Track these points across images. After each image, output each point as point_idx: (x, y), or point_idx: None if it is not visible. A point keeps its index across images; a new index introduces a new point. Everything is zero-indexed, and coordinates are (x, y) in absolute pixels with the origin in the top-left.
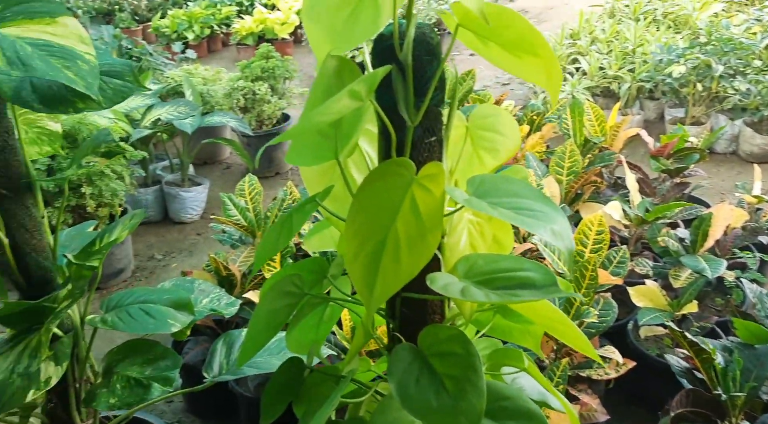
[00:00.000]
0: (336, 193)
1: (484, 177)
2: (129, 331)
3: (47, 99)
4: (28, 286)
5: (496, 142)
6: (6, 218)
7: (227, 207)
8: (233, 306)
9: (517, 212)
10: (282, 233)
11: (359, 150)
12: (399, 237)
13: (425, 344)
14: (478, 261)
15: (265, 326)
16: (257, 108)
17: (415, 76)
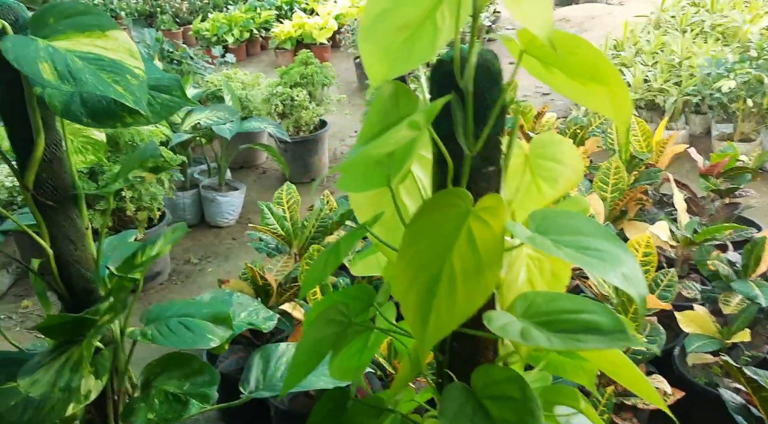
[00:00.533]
0: (386, 219)
1: (546, 212)
2: (168, 345)
3: (96, 113)
4: (70, 296)
5: (556, 172)
6: (51, 228)
7: (265, 215)
8: (271, 320)
9: (583, 253)
10: (329, 261)
11: (411, 175)
12: (455, 272)
13: (479, 385)
14: (537, 299)
15: (309, 354)
16: (295, 114)
17: (475, 104)
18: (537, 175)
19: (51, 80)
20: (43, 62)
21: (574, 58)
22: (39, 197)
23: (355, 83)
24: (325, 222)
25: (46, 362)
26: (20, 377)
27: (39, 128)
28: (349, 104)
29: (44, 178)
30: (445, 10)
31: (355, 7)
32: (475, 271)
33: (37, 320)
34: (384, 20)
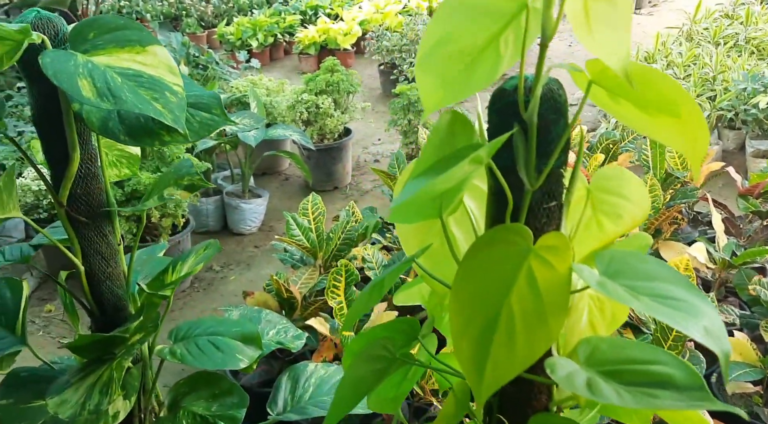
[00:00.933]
0: (433, 250)
1: (614, 254)
2: (198, 366)
3: (134, 131)
4: (100, 312)
5: (620, 207)
6: (83, 244)
7: (290, 226)
8: (299, 340)
9: (661, 303)
10: (372, 295)
11: (461, 205)
12: (514, 316)
13: None
14: (602, 346)
15: (352, 392)
16: (320, 121)
17: (538, 136)
18: (599, 211)
19: (90, 98)
20: (83, 78)
21: (650, 91)
22: (72, 213)
23: (378, 90)
24: (350, 234)
25: (75, 381)
26: (49, 396)
27: (75, 144)
28: (372, 112)
29: (78, 194)
30: (509, 37)
31: (380, 13)
32: (536, 316)
33: (59, 325)
34: (443, 47)
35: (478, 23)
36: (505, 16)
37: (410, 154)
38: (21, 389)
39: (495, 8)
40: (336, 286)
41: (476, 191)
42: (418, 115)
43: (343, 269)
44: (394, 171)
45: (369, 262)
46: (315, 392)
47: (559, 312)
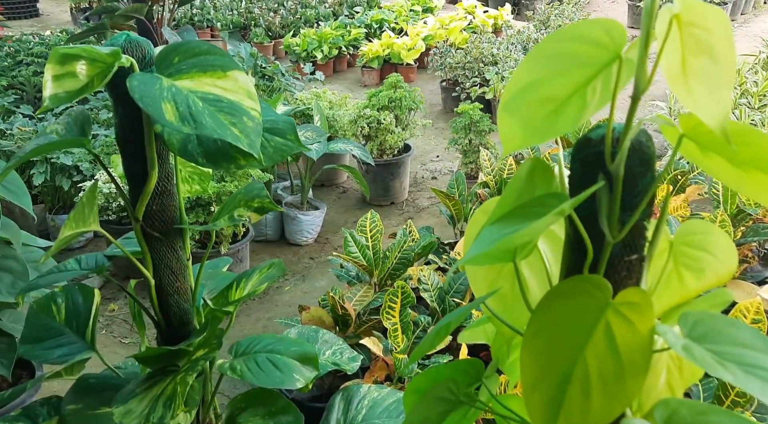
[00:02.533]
0: (503, 292)
1: (700, 315)
2: (256, 383)
3: (211, 154)
4: (166, 325)
5: (704, 262)
6: (155, 258)
7: (348, 243)
8: (355, 362)
9: (749, 373)
10: (439, 334)
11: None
12: (589, 373)
13: None
14: (681, 410)
15: None
16: (380, 137)
17: (623, 189)
18: (681, 264)
19: (173, 122)
20: (166, 102)
21: (746, 149)
22: (147, 228)
23: (439, 106)
24: (407, 254)
25: (140, 391)
26: (115, 405)
27: (154, 162)
28: (432, 128)
29: (154, 211)
30: (597, 85)
31: (444, 29)
32: (614, 375)
33: (122, 325)
34: (529, 93)
35: (568, 72)
36: (597, 65)
37: (469, 173)
38: (89, 395)
39: (587, 58)
40: (392, 307)
41: (551, 235)
42: (479, 135)
43: (399, 290)
44: (453, 191)
45: (424, 283)
46: (367, 415)
47: (638, 373)
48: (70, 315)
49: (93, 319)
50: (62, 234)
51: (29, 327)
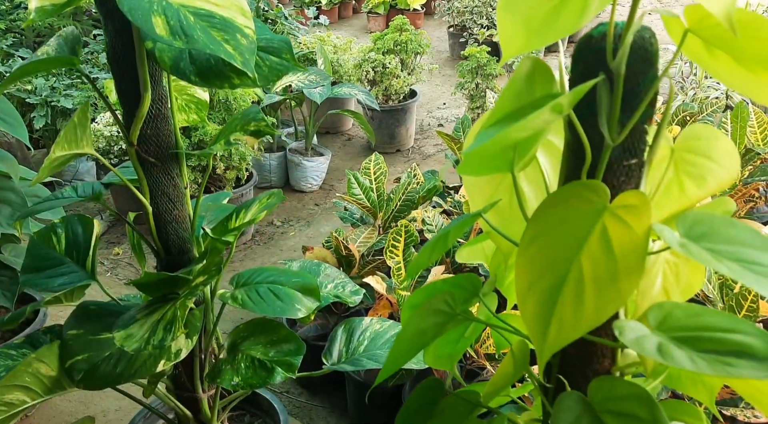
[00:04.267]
0: (501, 206)
1: (698, 215)
2: (257, 312)
3: (204, 72)
4: (165, 253)
5: (705, 169)
6: (152, 185)
7: (351, 185)
8: (357, 295)
9: (746, 268)
10: (437, 247)
11: (535, 161)
12: (583, 276)
13: (597, 398)
14: (675, 312)
15: (410, 344)
16: (385, 82)
17: (624, 87)
18: (682, 172)
19: (163, 36)
20: (156, 16)
21: (756, 43)
22: (142, 153)
23: (446, 53)
24: (411, 196)
25: (141, 317)
26: (116, 329)
27: (147, 83)
28: (439, 75)
29: (148, 135)
30: None
31: None
32: (608, 277)
33: (126, 268)
34: None
35: None
36: None
37: (476, 119)
38: (90, 320)
39: None
40: (395, 246)
41: (551, 147)
42: (486, 79)
43: (403, 229)
44: (459, 135)
45: (429, 224)
46: (369, 346)
47: (633, 274)
48: (70, 245)
49: (93, 249)
50: (53, 154)
51: (30, 258)
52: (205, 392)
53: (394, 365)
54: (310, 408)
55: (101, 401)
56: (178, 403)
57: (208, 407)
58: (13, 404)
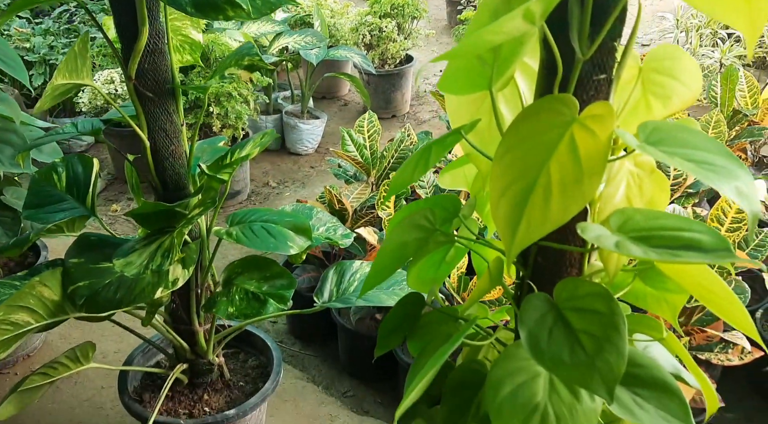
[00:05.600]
0: (481, 129)
1: (657, 124)
2: (250, 246)
3: (200, 3)
4: (163, 189)
5: (671, 89)
6: (148, 121)
7: (345, 142)
8: (348, 238)
9: (697, 164)
10: (419, 165)
11: (513, 84)
12: (551, 180)
13: (561, 297)
14: (636, 216)
15: (392, 258)
16: (382, 46)
17: (594, 2)
18: (648, 91)
19: None
20: None
21: None
22: (140, 88)
23: (444, 21)
24: (404, 153)
25: (139, 247)
26: (115, 257)
27: (144, 17)
28: (436, 42)
29: (146, 69)
30: None
31: None
32: (573, 180)
33: (124, 224)
34: None
35: None
36: None
37: None
38: (90, 250)
39: None
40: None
41: (528, 71)
42: None
43: None
44: None
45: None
46: (359, 286)
47: (595, 176)
48: (70, 183)
49: (93, 186)
50: (54, 81)
51: (31, 195)
52: (201, 326)
53: (376, 277)
54: (303, 357)
55: (100, 344)
56: (175, 335)
57: (204, 340)
58: (19, 324)
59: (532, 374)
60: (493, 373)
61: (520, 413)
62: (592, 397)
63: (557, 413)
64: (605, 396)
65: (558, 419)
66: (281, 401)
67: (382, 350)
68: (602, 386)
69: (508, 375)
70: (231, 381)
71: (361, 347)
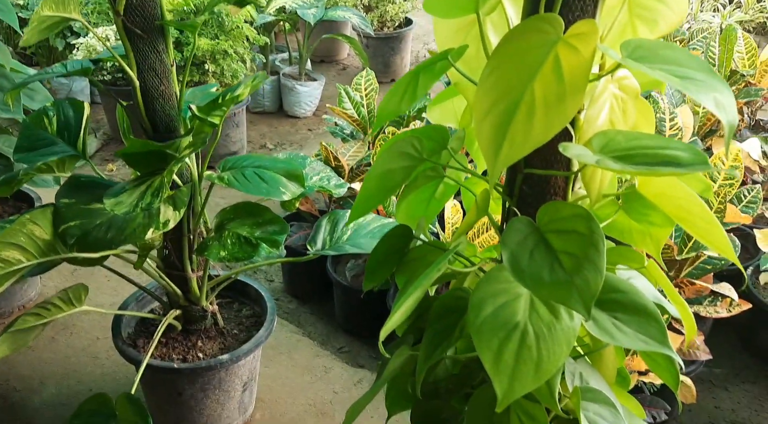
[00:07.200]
0: (469, 55)
1: (640, 41)
2: (243, 190)
3: None
4: (154, 131)
5: (657, 12)
6: (138, 59)
7: (342, 99)
8: (342, 188)
9: (678, 78)
10: (406, 93)
11: (501, 10)
12: (535, 99)
13: (543, 221)
14: (617, 137)
15: (378, 186)
16: (381, 8)
17: None
18: (635, 15)
19: None
20: None
21: None
22: (128, 24)
23: None
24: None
25: (130, 188)
26: (106, 197)
27: None
28: None
29: (134, 5)
30: None
31: None
32: (557, 98)
33: None
34: None
35: None
36: None
37: None
38: (81, 191)
39: None
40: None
41: None
42: None
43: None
44: None
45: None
46: (353, 235)
47: (578, 93)
48: (61, 127)
49: (84, 130)
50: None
51: (23, 139)
52: (194, 272)
53: (363, 205)
54: (300, 314)
55: (95, 297)
56: (168, 281)
57: (197, 286)
58: (9, 261)
59: (513, 295)
60: (475, 295)
61: (500, 332)
62: (571, 316)
63: (537, 331)
64: (582, 312)
65: (537, 337)
66: (276, 353)
67: (370, 284)
68: (580, 302)
69: (489, 296)
70: (225, 329)
71: (356, 304)
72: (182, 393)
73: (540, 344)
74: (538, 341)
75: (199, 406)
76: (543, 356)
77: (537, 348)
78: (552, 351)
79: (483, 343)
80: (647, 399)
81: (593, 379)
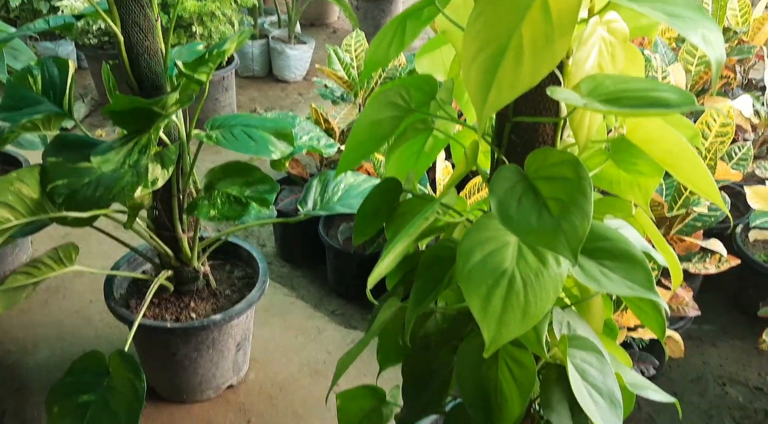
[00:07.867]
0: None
1: None
2: (231, 149)
3: None
4: (140, 89)
5: None
6: (121, 14)
7: (332, 61)
8: (331, 147)
9: (667, 14)
10: (393, 42)
11: None
12: (523, 41)
13: (532, 168)
14: (605, 81)
15: (366, 135)
16: None
17: None
18: None
19: None
20: None
21: None
22: None
23: None
24: (392, 74)
25: (117, 146)
26: (93, 155)
27: None
28: None
29: None
30: None
31: None
32: (545, 40)
33: None
34: None
35: None
36: None
37: None
38: (68, 150)
39: None
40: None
41: None
42: None
43: None
44: None
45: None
46: (343, 196)
47: (566, 34)
48: (46, 86)
49: (69, 89)
50: None
51: (8, 98)
52: (184, 233)
53: (352, 155)
54: (293, 277)
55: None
56: (159, 241)
57: (188, 247)
58: None
59: (502, 242)
60: (464, 243)
61: (488, 279)
62: (558, 263)
63: (524, 278)
64: (569, 257)
65: (525, 284)
66: (269, 315)
67: (359, 239)
68: (567, 247)
69: (478, 244)
70: (217, 290)
71: (348, 267)
72: (176, 353)
73: (527, 290)
74: (525, 288)
75: (193, 365)
76: (530, 302)
77: (524, 294)
78: (539, 297)
79: (471, 290)
80: (636, 355)
81: (581, 328)
